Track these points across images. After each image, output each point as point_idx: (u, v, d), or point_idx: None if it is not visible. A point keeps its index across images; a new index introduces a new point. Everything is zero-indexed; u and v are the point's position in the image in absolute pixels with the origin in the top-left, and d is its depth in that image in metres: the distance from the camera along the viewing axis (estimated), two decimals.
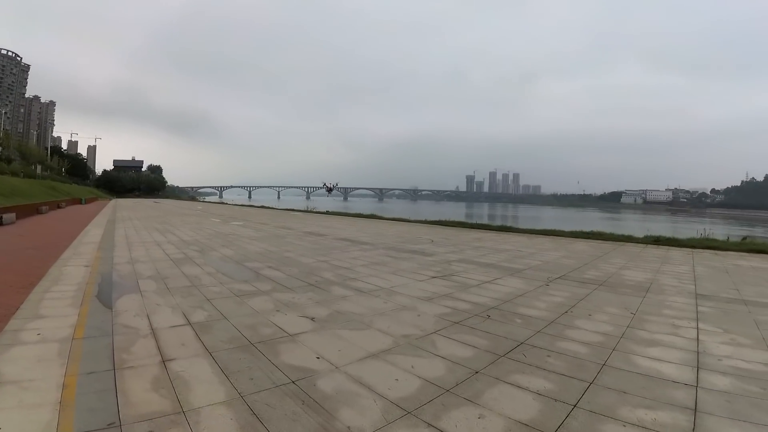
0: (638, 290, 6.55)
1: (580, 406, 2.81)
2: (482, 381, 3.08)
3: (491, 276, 7.06)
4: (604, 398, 2.95)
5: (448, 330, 4.17)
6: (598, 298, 5.88)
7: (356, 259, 8.47)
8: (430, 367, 3.24)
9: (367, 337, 3.87)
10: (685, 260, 10.23)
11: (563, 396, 2.92)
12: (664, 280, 7.55)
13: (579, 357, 3.69)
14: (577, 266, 8.55)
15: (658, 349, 4.00)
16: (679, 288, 6.88)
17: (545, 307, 5.26)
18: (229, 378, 2.90)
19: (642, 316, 5.07)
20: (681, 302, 5.91)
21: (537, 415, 2.63)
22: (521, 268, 7.96)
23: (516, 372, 3.27)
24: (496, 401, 2.79)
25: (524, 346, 3.85)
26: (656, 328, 4.66)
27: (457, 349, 3.66)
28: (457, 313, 4.80)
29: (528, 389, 2.99)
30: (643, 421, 2.66)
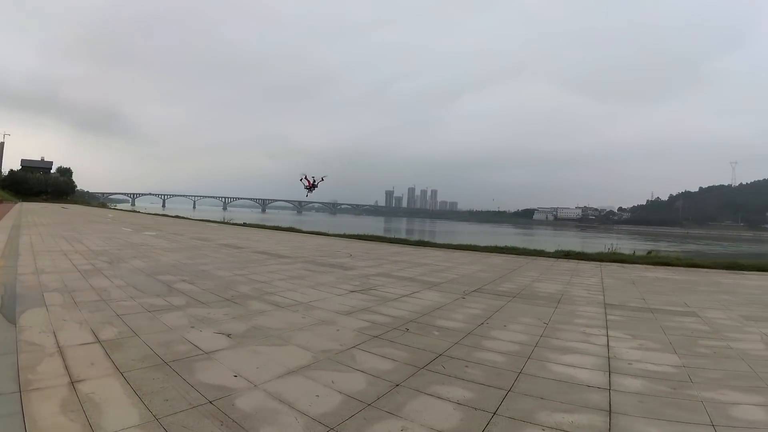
0: (551, 301, 10.94)
1: (500, 413, 4.63)
2: (403, 393, 4.97)
3: (410, 289, 11.38)
4: (522, 404, 4.89)
5: (368, 344, 6.68)
6: (513, 310, 9.76)
7: (274, 272, 13.33)
8: (350, 382, 5.20)
9: (286, 352, 6.13)
10: (593, 272, 17.51)
11: (483, 404, 4.81)
12: (574, 291, 12.75)
13: (496, 366, 6.11)
14: (493, 279, 14.01)
15: (572, 355, 6.85)
16: (588, 298, 11.71)
17: (462, 318, 8.66)
18: (143, 400, 4.48)
19: (555, 326, 8.56)
20: (591, 311, 10.08)
21: (459, 424, 4.31)
22: (439, 282, 12.86)
23: (436, 383, 5.32)
24: (417, 413, 4.51)
25: (443, 358, 6.26)
26: (569, 336, 7.96)
27: (377, 363, 5.88)
28: (376, 326, 7.73)
29: (449, 399, 4.89)
30: (561, 424, 4.52)
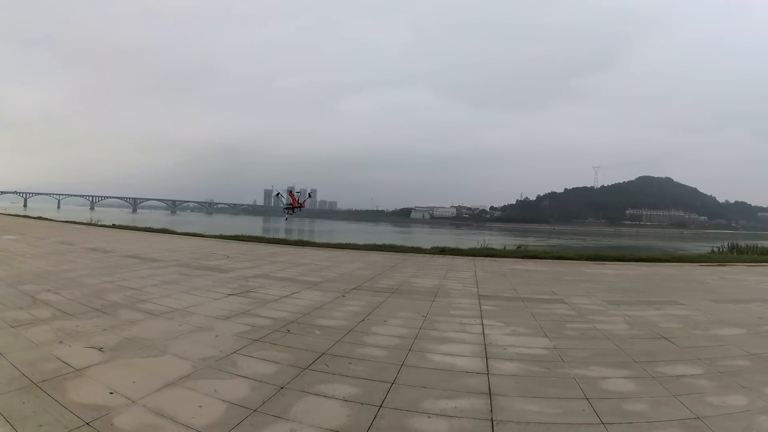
0: (428, 295, 11.64)
1: (386, 405, 4.97)
2: (289, 396, 5.11)
3: (290, 290, 11.66)
4: (406, 395, 5.25)
5: (249, 348, 6.79)
6: (392, 305, 10.29)
7: (146, 278, 13.08)
8: (234, 389, 5.27)
9: (163, 364, 6.10)
10: (468, 267, 18.88)
11: (369, 399, 5.07)
12: (450, 284, 13.67)
13: (379, 360, 6.48)
14: (372, 276, 14.62)
15: (450, 345, 7.38)
16: (463, 291, 12.63)
17: (343, 316, 9.06)
18: (15, 427, 4.27)
19: (433, 318, 9.13)
20: (466, 303, 10.89)
21: (346, 421, 4.54)
22: (319, 281, 13.33)
23: (321, 382, 5.53)
24: (305, 414, 4.66)
25: (326, 357, 6.50)
26: (446, 327, 8.55)
27: (259, 367, 6.02)
28: (256, 330, 7.92)
29: (334, 397, 5.10)
30: (445, 410, 4.89)
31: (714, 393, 5.87)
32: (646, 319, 10.11)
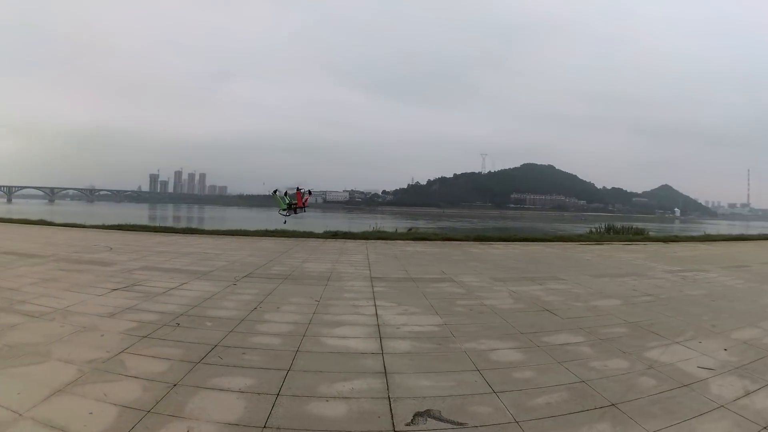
0: (321, 280, 11.57)
1: (283, 393, 4.90)
2: (183, 392, 4.91)
3: (178, 281, 11.01)
4: (303, 381, 5.21)
5: (137, 346, 6.39)
6: (284, 291, 10.10)
7: (23, 276, 11.75)
8: (125, 391, 4.98)
9: (47, 370, 5.63)
10: (360, 250, 19.01)
11: (265, 388, 5.01)
12: (342, 268, 13.73)
13: (273, 348, 6.38)
14: (264, 263, 14.24)
15: (344, 328, 7.42)
16: (356, 274, 12.74)
17: (235, 306, 8.80)
18: None
19: (326, 302, 9.10)
20: (359, 285, 11.00)
21: (244, 413, 4.48)
22: (208, 270, 12.86)
23: (215, 376, 5.39)
24: (201, 410, 4.53)
25: (219, 348, 6.30)
26: (340, 310, 8.56)
27: (150, 365, 5.71)
28: (144, 326, 7.41)
29: (230, 390, 5.00)
30: (343, 393, 4.92)
31: (596, 358, 6.42)
32: (530, 293, 10.79)
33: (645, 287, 12.23)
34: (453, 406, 4.68)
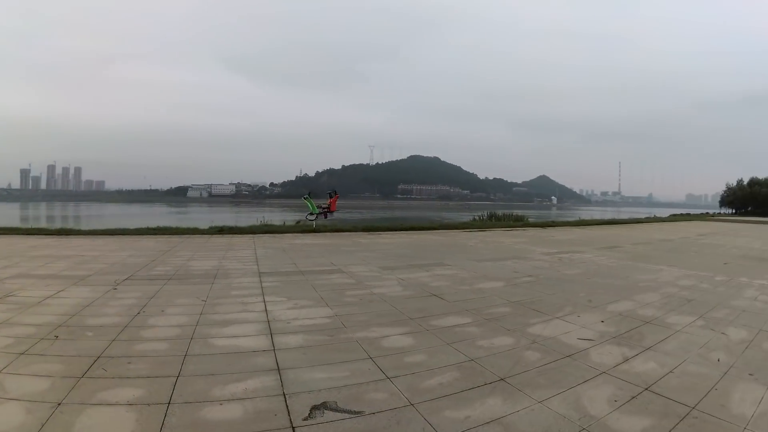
0: (207, 278, 11.10)
1: (174, 401, 4.62)
2: (69, 412, 4.47)
3: (53, 289, 9.96)
4: (195, 386, 4.95)
5: (15, 364, 5.73)
6: (169, 293, 9.50)
7: None
8: (7, 416, 4.42)
9: None
10: (247, 245, 18.56)
11: (155, 397, 4.71)
12: (229, 265, 13.28)
13: (161, 354, 5.98)
14: (146, 264, 13.31)
15: (233, 327, 7.16)
16: (244, 270, 12.38)
17: (116, 312, 8.11)
18: None
19: (213, 301, 8.74)
20: (247, 282, 10.69)
21: (136, 426, 4.18)
22: (86, 275, 11.72)
23: (101, 389, 4.94)
24: (89, 428, 4.16)
25: (102, 360, 5.80)
26: (228, 309, 8.26)
27: (30, 385, 5.12)
28: (21, 341, 6.54)
29: (118, 403, 4.63)
30: (236, 394, 4.76)
31: (483, 337, 6.79)
32: (418, 280, 11.13)
33: (526, 269, 13.12)
34: (349, 395, 4.71)
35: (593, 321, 7.83)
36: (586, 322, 7.72)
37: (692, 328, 7.58)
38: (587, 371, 5.57)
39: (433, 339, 6.64)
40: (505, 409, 4.51)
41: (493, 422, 4.24)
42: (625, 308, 8.80)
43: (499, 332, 7.05)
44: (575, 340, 6.78)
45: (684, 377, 5.45)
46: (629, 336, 7.05)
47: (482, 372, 5.45)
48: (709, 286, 11.30)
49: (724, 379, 5.43)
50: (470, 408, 4.51)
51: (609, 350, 6.37)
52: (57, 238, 22.01)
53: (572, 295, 9.84)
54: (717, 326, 7.67)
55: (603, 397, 4.87)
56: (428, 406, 4.51)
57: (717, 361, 6.01)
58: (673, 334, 7.21)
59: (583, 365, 5.77)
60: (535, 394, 4.84)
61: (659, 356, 6.17)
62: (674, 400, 4.82)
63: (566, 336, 6.96)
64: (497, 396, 4.80)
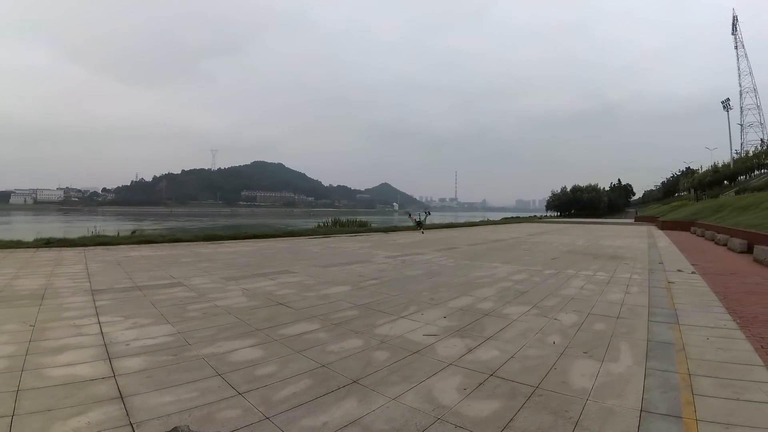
0: (34, 299, 9.92)
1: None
2: None
3: None
4: (33, 425, 4.39)
5: None
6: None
7: None
8: None
9: None
10: (78, 259, 16.86)
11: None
12: (59, 282, 11.98)
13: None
14: None
15: (68, 353, 6.46)
16: (75, 288, 11.26)
17: None
18: None
19: (43, 326, 7.81)
20: (79, 301, 9.74)
21: None
22: None
23: None
24: None
25: None
26: (60, 333, 7.45)
27: None
28: None
29: None
30: (80, 429, 4.33)
31: (333, 342, 7.00)
32: (263, 289, 11.07)
33: (370, 272, 13.67)
34: (201, 416, 4.58)
35: (436, 317, 8.49)
36: (430, 319, 8.34)
37: (528, 316, 8.60)
38: (435, 364, 6.04)
39: (283, 348, 6.69)
40: (361, 410, 4.73)
41: (351, 424, 4.42)
42: (466, 303, 9.65)
43: (348, 336, 7.32)
44: (421, 336, 7.30)
45: (525, 361, 6.17)
46: (471, 328, 7.78)
47: (335, 376, 5.63)
48: (540, 279, 12.83)
49: (561, 359, 6.25)
50: (327, 413, 4.64)
51: (453, 343, 6.96)
52: None
53: (415, 294, 10.52)
54: (550, 313, 8.80)
55: (453, 386, 5.32)
56: (284, 417, 4.55)
57: (553, 344, 6.91)
58: (511, 323, 8.11)
59: (431, 359, 6.24)
60: (388, 392, 5.14)
61: (500, 344, 6.90)
62: (519, 382, 5.43)
63: (412, 333, 7.46)
64: (352, 398, 5.00)
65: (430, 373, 5.77)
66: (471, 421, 4.51)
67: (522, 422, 4.47)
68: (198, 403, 4.91)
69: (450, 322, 8.22)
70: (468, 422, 4.48)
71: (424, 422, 4.48)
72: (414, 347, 6.77)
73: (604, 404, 4.87)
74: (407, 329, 7.73)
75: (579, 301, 10.01)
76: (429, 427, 4.39)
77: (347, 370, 5.85)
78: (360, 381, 5.51)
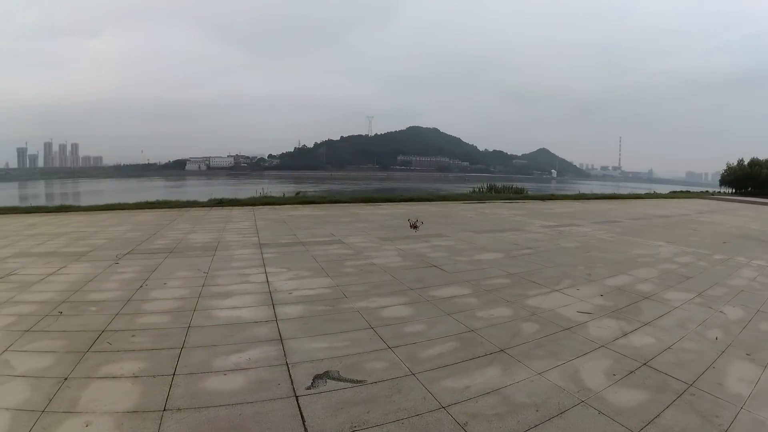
0: (207, 251, 11.15)
1: (179, 372, 4.72)
2: (75, 386, 4.57)
3: (55, 266, 10.01)
4: (198, 357, 5.02)
5: (20, 342, 5.80)
6: (169, 266, 9.54)
7: None
8: (13, 393, 4.49)
9: None
10: (246, 217, 18.66)
11: (159, 369, 4.80)
12: (229, 237, 13.35)
13: (163, 327, 6.09)
14: (145, 238, 13.41)
15: (235, 298, 7.22)
16: (243, 242, 12.44)
17: (118, 286, 8.20)
18: None
19: (214, 273, 8.79)
20: (247, 254, 10.74)
21: (141, 398, 4.25)
22: (86, 250, 11.81)
23: (105, 363, 5.02)
24: (96, 401, 4.24)
25: (106, 334, 5.89)
26: (229, 280, 8.32)
27: (36, 361, 5.21)
28: (24, 319, 6.63)
29: (123, 376, 4.70)
30: (240, 364, 4.82)
31: (482, 308, 6.83)
32: (417, 251, 11.19)
33: (524, 241, 13.16)
34: (350, 365, 4.76)
35: (591, 294, 7.87)
36: (585, 296, 7.76)
37: (690, 305, 7.59)
38: (586, 344, 5.62)
39: (433, 309, 6.70)
40: (504, 380, 4.56)
41: (493, 393, 4.29)
42: (623, 282, 8.84)
43: (497, 303, 7.11)
44: (574, 312, 6.83)
45: (681, 354, 5.48)
46: (627, 311, 7.08)
47: (481, 343, 5.50)
48: (707, 264, 11.29)
49: (721, 357, 5.44)
50: (469, 378, 4.56)
51: (607, 324, 6.41)
52: (56, 215, 22.03)
53: (570, 268, 9.88)
54: (715, 305, 7.67)
55: (601, 370, 4.91)
56: (428, 376, 4.56)
57: (714, 340, 6.02)
58: (671, 310, 7.22)
59: (582, 338, 5.82)
60: (533, 366, 4.89)
61: (657, 332, 6.20)
62: (671, 376, 4.85)
63: (565, 309, 7.00)
64: (496, 367, 4.85)
65: (580, 352, 5.35)
66: (615, 409, 4.12)
67: (667, 420, 3.98)
68: (348, 352, 5.11)
69: (605, 301, 7.54)
70: (611, 410, 4.10)
71: (566, 402, 4.19)
72: (565, 323, 6.34)
73: (758, 416, 4.12)
74: (559, 304, 7.25)
75: (748, 294, 8.50)
76: (571, 409, 4.09)
77: (494, 338, 5.68)
78: (506, 350, 5.31)
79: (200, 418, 3.90)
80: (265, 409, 3.98)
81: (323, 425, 3.73)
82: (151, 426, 3.82)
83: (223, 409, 4.01)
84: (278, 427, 3.73)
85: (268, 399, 4.13)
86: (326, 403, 4.06)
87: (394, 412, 3.93)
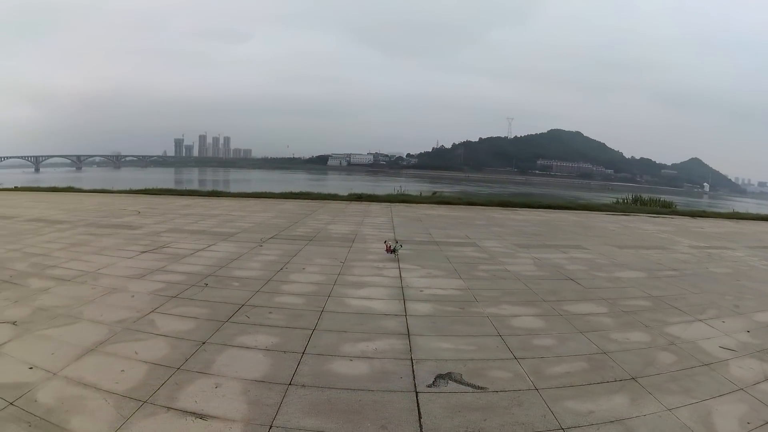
0: (344, 241, 11.80)
1: (308, 351, 5.10)
2: (210, 350, 5.14)
3: (204, 243, 11.38)
4: (327, 340, 5.37)
5: (166, 306, 6.66)
6: (309, 253, 10.29)
7: (52, 241, 11.96)
8: (154, 349, 5.18)
9: (79, 331, 5.78)
10: (383, 212, 19.40)
11: (290, 346, 5.25)
12: (366, 230, 13.95)
13: (298, 308, 6.64)
14: (288, 225, 14.58)
15: (368, 289, 7.57)
16: (379, 236, 12.80)
17: (260, 267, 9.09)
18: None
19: (350, 264, 9.27)
20: (382, 248, 10.91)
21: (270, 370, 4.67)
22: (234, 232, 13.26)
23: (241, 334, 5.62)
24: (227, 367, 4.73)
25: (246, 308, 6.56)
26: (363, 272, 8.73)
27: (178, 324, 5.95)
28: (172, 286, 7.66)
29: (256, 348, 5.23)
30: (366, 353, 5.06)
31: (617, 330, 6.39)
32: (553, 261, 10.76)
33: (669, 261, 12.05)
34: (474, 369, 4.74)
35: (737, 329, 6.92)
36: (730, 330, 6.85)
37: None
38: (724, 385, 4.98)
39: (565, 324, 6.42)
40: (631, 411, 4.24)
41: (616, 422, 4.01)
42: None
43: (634, 327, 6.59)
44: (716, 348, 6.06)
45: None
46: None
47: (612, 367, 5.15)
48: None
49: None
50: (594, 402, 4.30)
51: (750, 365, 5.60)
52: (208, 198, 24.78)
53: (718, 297, 8.80)
54: None
55: (735, 415, 4.31)
56: (552, 394, 4.39)
57: None
58: None
59: (720, 377, 5.17)
60: (664, 400, 4.46)
61: None
62: None
63: (706, 342, 6.23)
64: (624, 395, 4.52)
65: (716, 393, 4.71)
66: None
67: None
68: (473, 356, 5.09)
69: (752, 338, 6.54)
70: None
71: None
72: (705, 358, 5.62)
73: None
74: (701, 335, 6.45)
75: None
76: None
77: (626, 363, 5.24)
78: (638, 379, 4.88)
79: (321, 397, 4.13)
80: (384, 399, 4.11)
81: (438, 425, 3.76)
82: (275, 396, 4.14)
83: (344, 392, 4.20)
84: (394, 418, 3.82)
85: (388, 390, 4.27)
86: (445, 403, 4.09)
87: (511, 424, 3.84)
